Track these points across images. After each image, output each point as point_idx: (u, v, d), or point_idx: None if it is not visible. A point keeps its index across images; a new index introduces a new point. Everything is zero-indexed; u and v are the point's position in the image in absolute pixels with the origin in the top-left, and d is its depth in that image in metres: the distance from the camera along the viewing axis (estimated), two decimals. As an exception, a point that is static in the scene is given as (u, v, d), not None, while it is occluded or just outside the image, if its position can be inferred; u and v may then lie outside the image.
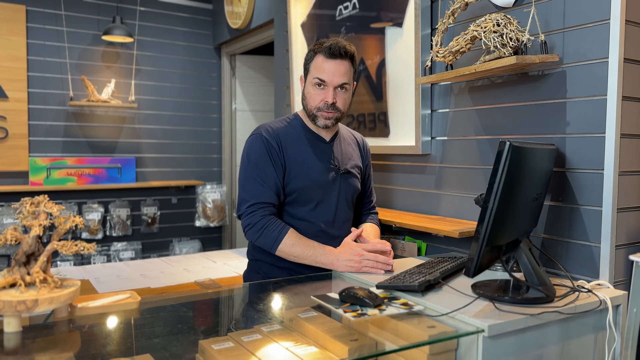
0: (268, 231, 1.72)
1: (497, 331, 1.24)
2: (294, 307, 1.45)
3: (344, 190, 1.89)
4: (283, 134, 1.83)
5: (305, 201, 1.82)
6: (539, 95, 1.79)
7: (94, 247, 1.24)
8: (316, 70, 1.78)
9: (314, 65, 1.79)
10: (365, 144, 2.07)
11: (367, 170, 2.05)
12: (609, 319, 1.44)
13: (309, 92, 1.81)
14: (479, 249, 1.30)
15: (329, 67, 1.76)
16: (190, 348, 1.19)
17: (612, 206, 1.57)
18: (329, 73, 1.76)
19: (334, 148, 1.90)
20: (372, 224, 2.03)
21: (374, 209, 2.12)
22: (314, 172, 1.82)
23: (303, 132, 1.87)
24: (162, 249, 4.53)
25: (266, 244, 1.73)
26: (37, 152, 4.04)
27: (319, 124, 1.82)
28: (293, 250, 1.72)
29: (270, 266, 1.84)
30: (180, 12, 4.58)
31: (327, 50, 1.76)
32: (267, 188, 1.76)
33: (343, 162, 1.91)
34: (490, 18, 1.73)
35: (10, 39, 3.89)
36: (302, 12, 3.14)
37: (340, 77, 1.77)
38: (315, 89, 1.79)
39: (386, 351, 1.19)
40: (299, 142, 1.84)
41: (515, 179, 1.33)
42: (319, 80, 1.77)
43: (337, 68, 1.76)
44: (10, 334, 1.16)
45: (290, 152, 1.81)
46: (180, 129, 4.60)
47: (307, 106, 1.83)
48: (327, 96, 1.77)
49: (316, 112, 1.80)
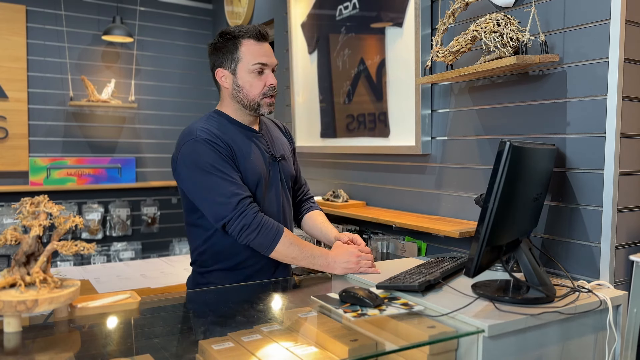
0: (265, 231, 1.61)
1: (497, 331, 1.24)
2: (294, 307, 1.45)
3: (284, 178, 1.83)
4: (218, 131, 1.69)
5: (254, 193, 1.71)
6: (539, 95, 1.79)
7: (94, 247, 1.24)
8: (252, 56, 1.69)
9: (245, 52, 1.69)
10: (287, 129, 2.00)
11: (294, 152, 2.01)
12: (609, 319, 1.44)
13: (247, 82, 1.70)
14: (479, 249, 1.30)
15: (263, 49, 1.70)
16: (190, 348, 1.19)
17: (612, 206, 1.57)
18: (267, 55, 1.71)
19: (266, 137, 1.83)
20: (319, 211, 2.00)
21: (309, 192, 2.08)
22: (256, 165, 1.73)
23: (233, 127, 1.75)
24: (162, 249, 4.52)
25: (263, 244, 1.63)
26: (37, 152, 4.04)
27: (263, 112, 1.74)
28: (290, 252, 1.64)
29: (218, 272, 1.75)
30: (180, 12, 4.58)
31: (257, 33, 1.69)
32: (240, 183, 1.64)
33: (276, 149, 1.84)
34: (490, 18, 1.73)
35: (10, 39, 3.89)
36: (302, 12, 3.14)
37: (274, 58, 1.74)
38: (254, 75, 1.70)
39: (386, 351, 1.19)
40: (235, 137, 1.72)
41: (515, 179, 1.33)
42: (260, 65, 1.69)
43: (269, 49, 1.73)
44: (10, 334, 1.16)
45: (235, 147, 1.70)
46: (180, 129, 4.56)
47: (246, 97, 1.71)
48: (270, 79, 1.71)
49: (260, 100, 1.72)
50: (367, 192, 2.68)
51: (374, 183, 2.63)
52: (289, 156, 1.91)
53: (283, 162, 1.84)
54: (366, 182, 2.66)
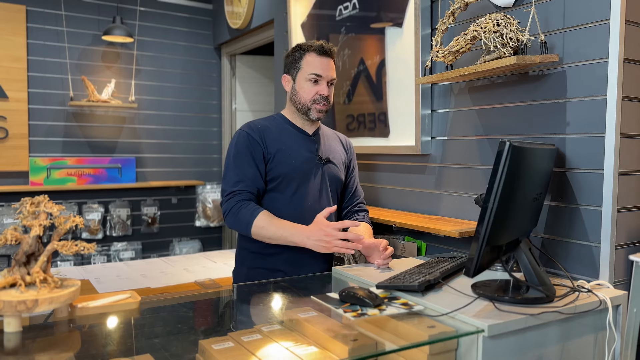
0: (241, 214, 1.79)
1: (497, 331, 1.24)
2: (294, 307, 1.45)
3: (326, 179, 1.97)
4: (266, 127, 1.93)
5: (289, 187, 1.89)
6: (539, 95, 1.80)
7: (94, 247, 1.24)
8: (310, 67, 1.90)
9: (306, 63, 1.91)
10: (348, 142, 2.16)
11: (352, 165, 2.13)
12: (609, 319, 1.44)
13: (302, 88, 1.91)
14: (479, 249, 1.30)
15: (322, 63, 1.90)
16: (190, 348, 1.19)
17: (612, 206, 1.57)
18: (323, 69, 1.90)
19: (317, 140, 1.99)
20: (364, 223, 2.03)
21: (363, 206, 2.13)
22: (296, 160, 1.90)
23: (286, 126, 1.97)
24: (162, 249, 4.53)
25: (241, 226, 1.80)
26: (37, 152, 4.04)
27: (312, 116, 1.92)
28: (265, 231, 1.77)
29: (255, 256, 1.90)
30: (180, 12, 4.58)
31: (320, 48, 1.90)
32: (246, 179, 1.84)
33: (325, 153, 1.99)
34: (490, 18, 1.73)
35: (10, 39, 3.89)
36: (302, 12, 3.14)
37: (333, 73, 1.93)
38: (310, 84, 1.90)
39: (386, 351, 1.19)
40: (282, 134, 1.93)
41: (515, 179, 1.33)
42: (315, 75, 1.89)
43: (329, 64, 1.91)
44: (10, 334, 1.16)
45: (274, 141, 1.90)
46: (180, 129, 4.60)
47: (299, 100, 1.92)
48: (323, 89, 1.90)
49: (310, 105, 1.91)
50: (367, 192, 2.68)
51: (373, 183, 2.63)
52: (340, 163, 2.04)
53: (329, 165, 1.99)
54: (366, 182, 2.66)
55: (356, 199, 2.12)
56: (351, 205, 2.10)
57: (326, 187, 1.96)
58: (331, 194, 1.98)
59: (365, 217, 2.09)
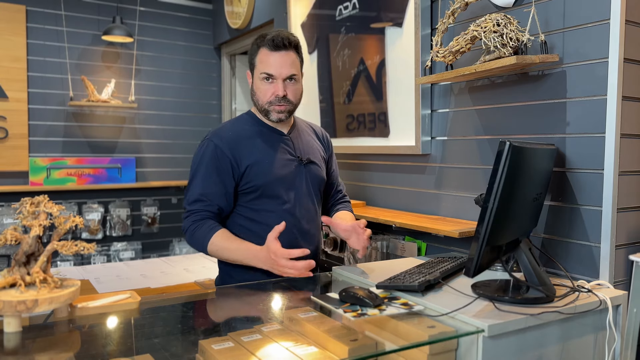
0: (196, 236, 1.73)
1: (497, 331, 1.24)
2: (294, 307, 1.45)
3: (309, 181, 1.86)
4: (237, 135, 1.79)
5: (271, 196, 1.77)
6: (539, 95, 1.79)
7: (94, 247, 1.24)
8: (262, 64, 1.74)
9: (259, 60, 1.76)
10: (325, 135, 2.04)
11: (331, 160, 2.03)
12: (609, 319, 1.44)
13: (258, 88, 1.77)
14: (479, 249, 1.30)
15: (274, 60, 1.73)
16: (190, 348, 1.19)
17: (612, 206, 1.57)
18: (275, 66, 1.73)
19: (293, 140, 1.87)
20: (345, 210, 1.99)
21: (345, 197, 2.09)
22: (275, 167, 1.78)
23: (258, 128, 1.82)
24: (162, 249, 4.52)
25: (197, 247, 1.76)
26: (37, 152, 4.04)
27: (272, 118, 1.79)
28: (220, 254, 1.73)
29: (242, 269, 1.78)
30: (180, 12, 4.58)
31: (271, 42, 1.72)
32: (206, 198, 1.74)
33: (304, 152, 1.87)
34: (490, 18, 1.73)
35: (10, 39, 3.89)
36: (302, 12, 3.14)
37: (288, 69, 1.74)
38: (264, 83, 1.75)
39: (386, 351, 1.19)
40: (255, 140, 1.79)
41: (515, 179, 1.33)
42: (266, 74, 1.74)
43: (283, 60, 1.73)
44: (10, 334, 1.16)
45: (246, 151, 1.76)
46: (180, 129, 4.60)
47: (258, 102, 1.79)
48: (277, 89, 1.74)
49: (268, 107, 1.77)
50: (367, 192, 2.68)
51: (373, 183, 2.63)
52: (320, 160, 1.92)
53: (310, 166, 1.87)
54: (366, 182, 2.66)
55: (338, 193, 2.07)
56: (334, 200, 2.05)
57: (310, 189, 1.86)
58: (315, 195, 1.89)
59: (347, 207, 2.04)
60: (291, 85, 1.77)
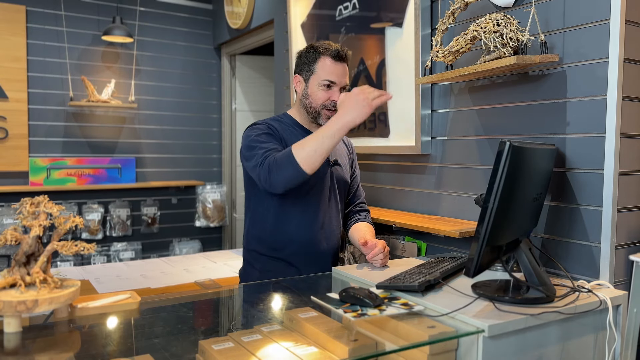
0: (279, 158, 1.67)
1: (497, 331, 1.24)
2: (294, 307, 1.45)
3: (335, 182, 1.96)
4: (280, 126, 1.91)
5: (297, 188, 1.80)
6: (539, 95, 1.79)
7: (94, 247, 1.24)
8: (324, 72, 1.86)
9: (320, 67, 1.86)
10: (349, 142, 2.17)
11: (354, 166, 2.13)
12: (609, 319, 1.44)
13: (314, 92, 1.87)
14: (479, 249, 1.30)
15: (337, 69, 1.86)
16: (190, 348, 1.19)
17: (612, 206, 1.57)
18: (338, 75, 1.87)
19: None
20: (366, 223, 2.05)
21: (364, 206, 2.14)
22: None
23: (294, 128, 1.94)
24: (162, 249, 4.53)
25: (286, 166, 1.65)
26: (37, 153, 4.04)
27: (321, 122, 1.89)
28: (308, 151, 1.63)
29: (266, 257, 1.89)
30: (180, 12, 4.59)
31: (336, 53, 1.85)
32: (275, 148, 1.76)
33: (332, 155, 1.97)
34: (490, 18, 1.73)
35: (10, 39, 3.89)
36: (302, 12, 3.14)
37: (346, 79, 1.90)
38: (323, 89, 1.86)
39: (386, 351, 1.19)
40: (292, 136, 1.89)
41: (515, 179, 1.33)
42: (329, 82, 1.85)
43: (344, 70, 1.89)
44: (10, 334, 1.16)
45: (289, 142, 1.82)
46: (180, 129, 4.60)
47: (310, 104, 1.89)
48: (335, 95, 1.86)
49: (320, 110, 1.88)
50: (367, 192, 2.68)
51: (374, 183, 2.63)
52: (345, 164, 2.04)
53: (337, 167, 1.98)
54: (366, 182, 2.66)
55: (357, 199, 2.13)
56: (352, 205, 2.11)
57: (334, 190, 1.96)
58: (339, 196, 1.98)
59: (366, 217, 2.10)
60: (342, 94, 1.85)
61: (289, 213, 1.87)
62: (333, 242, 1.96)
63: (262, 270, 1.90)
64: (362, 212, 2.11)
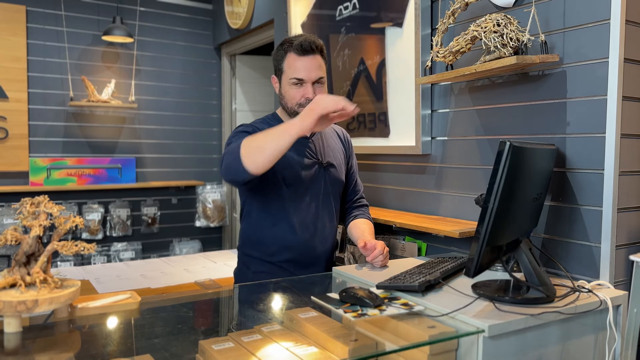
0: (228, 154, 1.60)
1: (497, 331, 1.24)
2: (294, 307, 1.45)
3: (328, 183, 1.92)
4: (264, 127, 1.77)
5: (290, 193, 1.83)
6: (539, 95, 1.79)
7: (94, 247, 1.24)
8: (291, 69, 1.78)
9: (287, 65, 1.79)
10: (346, 136, 2.10)
11: (351, 161, 2.08)
12: (609, 319, 1.44)
13: (287, 92, 1.81)
14: (479, 249, 1.30)
15: (303, 64, 1.77)
16: (190, 348, 1.19)
17: (612, 206, 1.57)
18: (304, 70, 1.77)
19: (316, 142, 1.92)
20: (364, 219, 2.02)
21: (363, 201, 2.11)
22: (296, 165, 1.83)
23: None
24: (162, 249, 4.53)
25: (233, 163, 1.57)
26: (37, 153, 4.04)
27: None
28: (254, 148, 1.54)
29: (259, 261, 1.88)
30: (180, 12, 4.58)
31: (299, 47, 1.76)
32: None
33: (325, 155, 1.93)
34: (490, 18, 1.73)
35: (10, 39, 3.89)
36: (302, 12, 3.14)
37: (316, 72, 1.78)
38: (294, 87, 1.79)
39: (386, 351, 1.19)
40: None
41: (515, 179, 1.33)
42: (296, 79, 1.77)
43: (311, 64, 1.77)
44: (10, 334, 1.16)
45: None
46: (180, 129, 4.60)
47: (287, 105, 1.83)
48: (307, 92, 1.78)
49: (297, 109, 1.78)
50: (367, 192, 2.68)
51: (374, 183, 2.63)
52: (340, 164, 1.98)
53: (330, 169, 1.92)
54: (366, 182, 2.66)
55: (356, 195, 2.10)
56: (351, 201, 2.08)
57: (328, 193, 1.92)
58: (333, 197, 1.95)
59: (365, 213, 2.07)
60: (319, 87, 1.81)
61: (282, 219, 1.84)
62: (327, 246, 1.93)
63: (255, 272, 1.88)
64: (360, 207, 2.08)
